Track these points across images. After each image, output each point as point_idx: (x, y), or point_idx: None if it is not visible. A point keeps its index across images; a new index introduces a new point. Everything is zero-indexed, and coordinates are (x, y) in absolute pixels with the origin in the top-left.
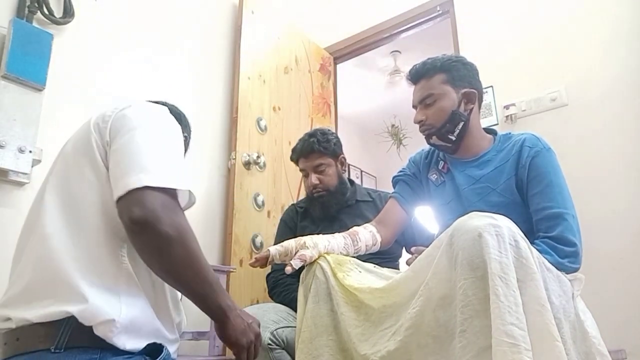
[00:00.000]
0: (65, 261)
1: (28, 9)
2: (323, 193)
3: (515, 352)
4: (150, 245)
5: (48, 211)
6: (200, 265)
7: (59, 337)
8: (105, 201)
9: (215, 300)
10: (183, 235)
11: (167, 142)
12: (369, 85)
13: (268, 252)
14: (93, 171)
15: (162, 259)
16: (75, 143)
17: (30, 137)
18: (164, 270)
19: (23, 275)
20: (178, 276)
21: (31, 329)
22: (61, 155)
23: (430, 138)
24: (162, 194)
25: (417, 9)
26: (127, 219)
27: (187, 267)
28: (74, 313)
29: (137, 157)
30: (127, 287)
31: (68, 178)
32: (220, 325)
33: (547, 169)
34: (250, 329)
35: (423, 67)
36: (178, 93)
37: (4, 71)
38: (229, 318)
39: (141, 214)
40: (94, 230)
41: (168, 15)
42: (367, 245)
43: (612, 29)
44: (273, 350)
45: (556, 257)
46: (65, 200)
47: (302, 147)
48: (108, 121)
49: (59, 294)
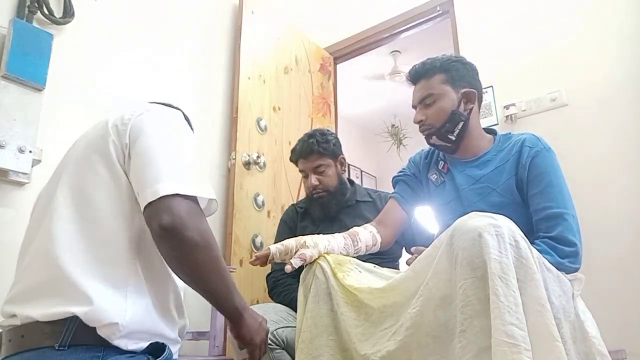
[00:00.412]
0: (73, 260)
1: (28, 9)
2: (323, 194)
3: (515, 352)
4: (177, 250)
5: (58, 209)
6: (222, 268)
7: (63, 335)
8: (121, 202)
9: (233, 302)
10: (207, 241)
11: (187, 150)
12: (369, 85)
13: (268, 251)
14: (108, 171)
15: (189, 262)
16: (88, 143)
17: (30, 137)
18: (188, 274)
19: (29, 273)
20: (201, 279)
21: (36, 326)
22: (73, 154)
23: (430, 138)
24: (189, 201)
25: (417, 9)
26: (156, 225)
27: (210, 271)
28: (78, 314)
29: (163, 164)
30: (135, 287)
31: (81, 177)
32: (235, 324)
33: (547, 169)
34: (262, 328)
35: (423, 67)
36: (178, 93)
37: (4, 71)
38: (244, 318)
39: (170, 220)
40: (106, 229)
41: (168, 15)
42: (367, 245)
43: (612, 29)
44: (273, 350)
45: (556, 257)
46: (77, 199)
47: (302, 148)
48: (127, 124)
49: (64, 293)
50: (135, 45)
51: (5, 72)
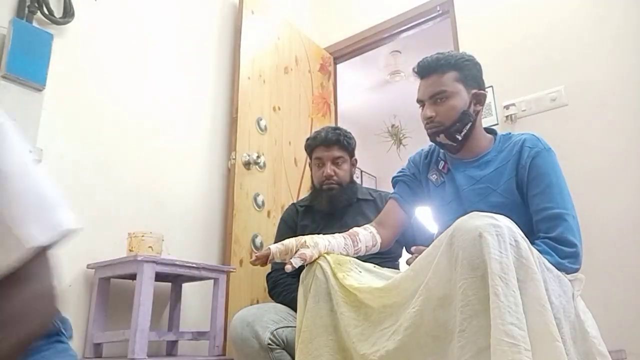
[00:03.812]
0: None
1: (28, 9)
2: (335, 186)
3: (515, 352)
4: None
5: None
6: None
7: None
8: None
9: None
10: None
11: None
12: (369, 85)
13: (269, 251)
14: None
15: None
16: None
17: (30, 137)
18: None
19: None
20: None
21: None
22: None
23: (437, 136)
24: None
25: (417, 9)
26: None
27: None
28: None
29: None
30: None
31: None
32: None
33: (547, 169)
34: None
35: (436, 62)
36: (178, 93)
37: (4, 71)
38: None
39: None
40: None
41: (168, 15)
42: (367, 246)
43: (612, 29)
44: (273, 350)
45: (556, 257)
46: None
47: (327, 136)
48: None
49: None
50: (135, 45)
51: (5, 72)
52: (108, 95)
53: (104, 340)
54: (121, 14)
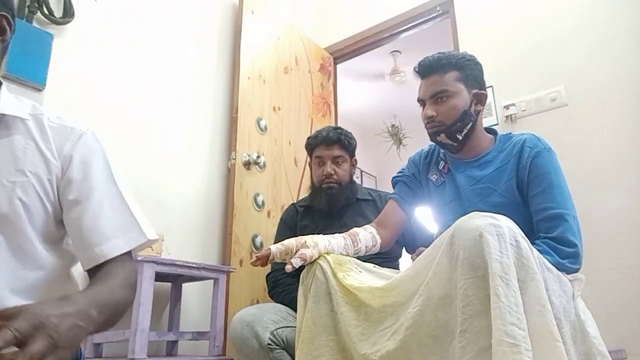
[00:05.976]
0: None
1: (28, 9)
2: (334, 185)
3: (515, 352)
4: None
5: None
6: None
7: None
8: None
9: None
10: None
11: None
12: (369, 85)
13: (269, 251)
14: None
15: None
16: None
17: None
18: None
19: None
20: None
21: None
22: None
23: (438, 136)
24: None
25: (417, 9)
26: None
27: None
28: None
29: None
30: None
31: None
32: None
33: (548, 169)
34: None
35: (438, 62)
36: (178, 93)
37: (3, 71)
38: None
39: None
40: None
41: (168, 15)
42: (367, 246)
43: (612, 29)
44: (273, 350)
45: (557, 257)
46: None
47: (328, 135)
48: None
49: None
50: (135, 45)
51: (5, 72)
52: (108, 95)
53: (104, 340)
54: (121, 14)
